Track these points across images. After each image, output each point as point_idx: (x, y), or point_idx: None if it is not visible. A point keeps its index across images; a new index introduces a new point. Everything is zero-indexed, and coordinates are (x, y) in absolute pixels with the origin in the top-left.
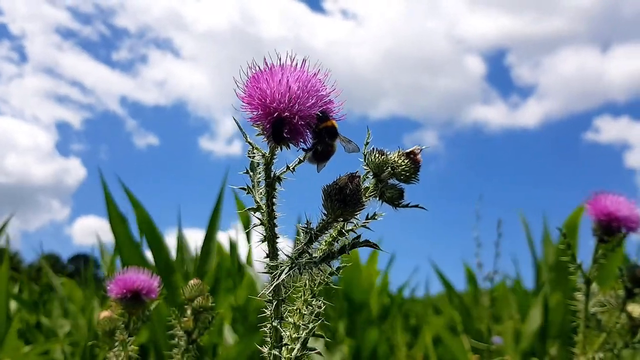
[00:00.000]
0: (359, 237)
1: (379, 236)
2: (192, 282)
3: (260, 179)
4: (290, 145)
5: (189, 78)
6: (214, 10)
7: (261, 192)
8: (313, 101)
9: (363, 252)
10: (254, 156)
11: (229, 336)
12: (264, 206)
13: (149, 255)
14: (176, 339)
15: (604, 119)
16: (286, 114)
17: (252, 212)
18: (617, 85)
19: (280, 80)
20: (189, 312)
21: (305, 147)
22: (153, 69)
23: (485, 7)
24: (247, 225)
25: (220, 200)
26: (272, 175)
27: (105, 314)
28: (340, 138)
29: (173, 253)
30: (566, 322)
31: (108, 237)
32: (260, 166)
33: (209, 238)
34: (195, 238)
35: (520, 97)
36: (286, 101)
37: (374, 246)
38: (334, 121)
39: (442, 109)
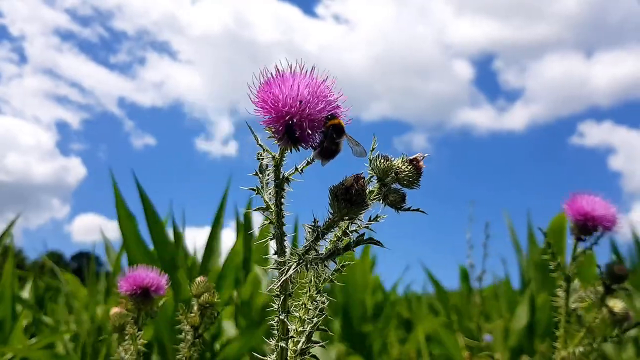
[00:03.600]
0: (362, 235)
1: (374, 236)
2: (198, 279)
3: (269, 180)
4: (299, 148)
5: (185, 80)
6: (209, 14)
7: (270, 193)
8: (322, 106)
9: (357, 250)
10: (263, 158)
11: (231, 330)
12: (272, 206)
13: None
14: (183, 334)
15: (588, 123)
16: (297, 117)
17: (262, 212)
18: (601, 90)
19: (291, 86)
20: (195, 307)
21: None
22: (150, 71)
23: (473, 13)
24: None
25: (225, 199)
26: (281, 177)
27: (116, 309)
28: (348, 138)
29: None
30: (553, 319)
31: (109, 235)
32: (270, 167)
33: (214, 236)
34: (190, 236)
35: (507, 102)
36: (297, 105)
37: (378, 243)
38: (341, 120)
39: (431, 112)
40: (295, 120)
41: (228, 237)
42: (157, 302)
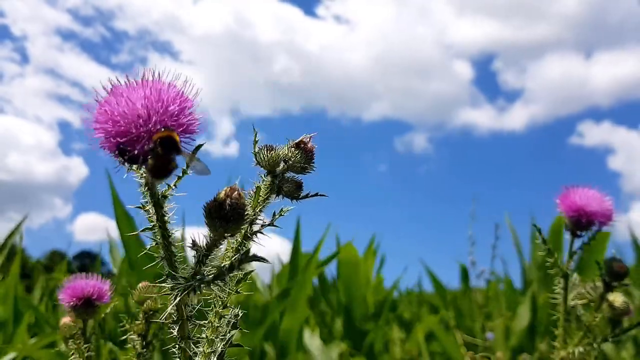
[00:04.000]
0: (247, 251)
1: (372, 236)
2: (140, 284)
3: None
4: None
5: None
6: (210, 14)
7: (151, 212)
8: (162, 118)
9: (360, 250)
10: (142, 176)
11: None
12: (157, 225)
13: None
14: (131, 343)
15: (587, 123)
16: (130, 135)
17: (146, 232)
18: (600, 90)
19: (120, 100)
20: (140, 315)
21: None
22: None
23: (473, 13)
24: None
25: None
26: (156, 195)
27: (65, 320)
28: (184, 154)
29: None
30: (552, 319)
31: (112, 234)
32: (143, 187)
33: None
34: (191, 236)
35: (507, 102)
36: (131, 121)
37: (263, 260)
38: (173, 133)
39: (432, 112)
40: (125, 140)
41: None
42: (103, 310)
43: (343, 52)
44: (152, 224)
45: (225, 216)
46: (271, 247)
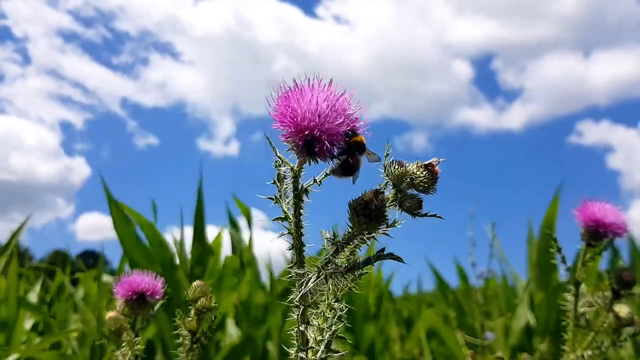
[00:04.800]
0: (383, 249)
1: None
2: (195, 283)
3: (287, 190)
4: (317, 160)
5: (187, 81)
6: (211, 15)
7: (288, 203)
8: (341, 120)
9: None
10: (281, 166)
11: (232, 331)
12: (291, 216)
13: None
14: (181, 338)
15: (586, 122)
16: (316, 131)
17: (280, 222)
18: (598, 89)
19: (310, 99)
20: (192, 312)
21: (332, 164)
22: (153, 71)
23: (472, 13)
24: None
25: (200, 198)
26: (300, 187)
27: (111, 314)
28: (367, 153)
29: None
30: (550, 319)
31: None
32: (288, 178)
33: (199, 236)
34: (191, 235)
35: (506, 101)
36: (317, 120)
37: (398, 259)
38: (362, 137)
39: (431, 111)
40: (314, 135)
41: (226, 236)
42: (153, 306)
43: (343, 53)
44: (284, 214)
45: (370, 214)
46: (275, 245)
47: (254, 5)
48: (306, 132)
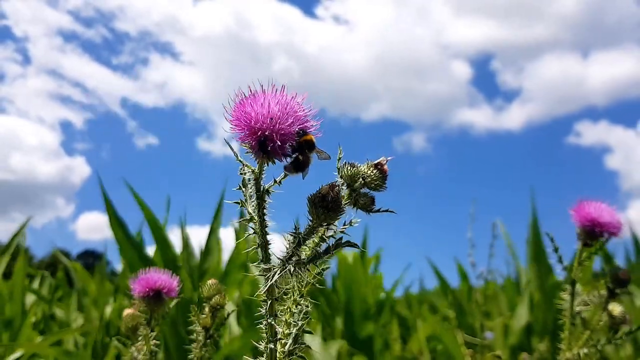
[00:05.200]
0: (341, 238)
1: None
2: (210, 281)
3: (252, 193)
4: (275, 161)
5: (186, 81)
6: (210, 15)
7: (253, 205)
8: (291, 121)
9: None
10: (245, 173)
11: (235, 328)
12: (256, 217)
13: (149, 254)
14: (194, 334)
15: (584, 123)
16: (269, 132)
17: (246, 223)
18: (597, 90)
19: (262, 103)
20: (207, 309)
21: (286, 163)
22: (153, 71)
23: (471, 14)
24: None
25: (222, 200)
26: (261, 189)
27: (128, 311)
28: (317, 151)
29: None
30: (549, 318)
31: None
32: (251, 181)
33: (212, 235)
34: (192, 235)
35: (505, 101)
36: (268, 122)
37: (355, 246)
38: (312, 136)
39: (430, 112)
40: (267, 135)
41: (226, 236)
42: (168, 304)
43: (342, 53)
44: (250, 216)
45: (327, 206)
46: (274, 245)
47: (254, 6)
48: (259, 133)
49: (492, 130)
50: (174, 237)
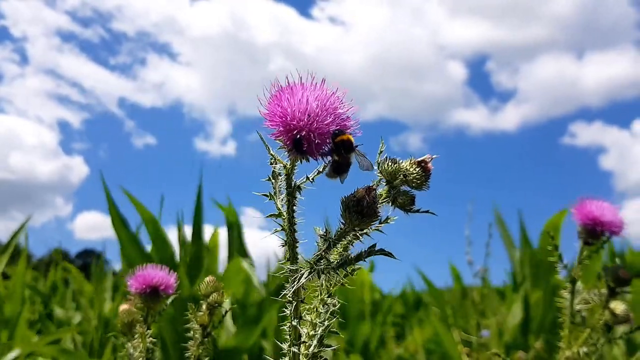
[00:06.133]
0: (374, 245)
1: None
2: (207, 279)
3: (281, 188)
4: (309, 158)
5: (184, 81)
6: (207, 15)
7: (282, 200)
8: (331, 119)
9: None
10: (275, 164)
11: (230, 328)
12: (285, 213)
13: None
14: (192, 332)
15: (579, 123)
16: (305, 131)
17: (274, 218)
18: (591, 91)
19: (300, 99)
20: (204, 307)
21: (325, 161)
22: (150, 71)
23: (466, 15)
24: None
25: (200, 197)
26: (292, 185)
27: (124, 306)
28: (356, 152)
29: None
30: (546, 317)
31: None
32: (282, 176)
33: (197, 234)
34: (189, 233)
35: (500, 102)
36: (306, 119)
37: (389, 255)
38: (350, 135)
39: (427, 112)
40: (303, 134)
41: (225, 235)
42: (165, 301)
43: (339, 54)
44: (278, 211)
45: (362, 211)
46: (267, 244)
47: (250, 6)
48: (295, 132)
49: (488, 131)
50: (172, 236)
